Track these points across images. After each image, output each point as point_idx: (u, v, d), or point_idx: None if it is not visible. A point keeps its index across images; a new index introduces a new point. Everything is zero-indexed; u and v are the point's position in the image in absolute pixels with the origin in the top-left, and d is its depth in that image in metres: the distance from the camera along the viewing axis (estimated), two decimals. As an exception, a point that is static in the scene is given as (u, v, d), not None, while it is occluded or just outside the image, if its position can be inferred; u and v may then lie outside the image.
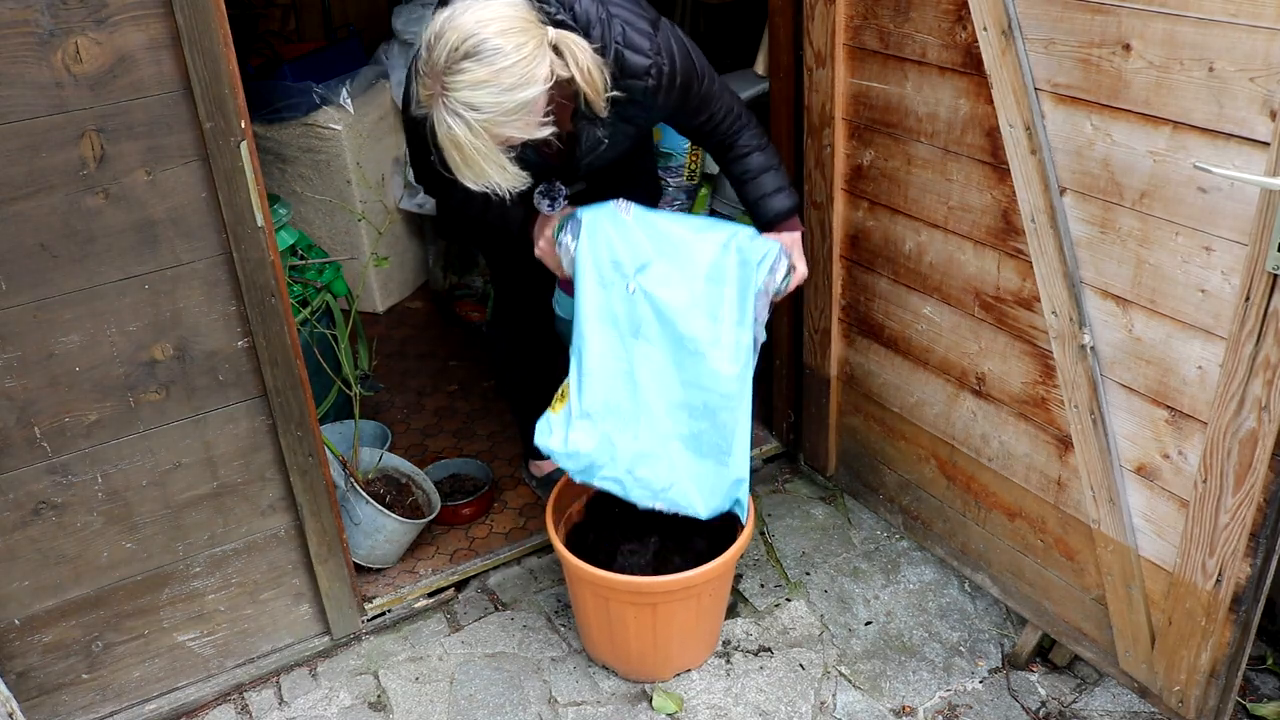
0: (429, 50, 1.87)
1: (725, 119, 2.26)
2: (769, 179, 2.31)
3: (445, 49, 1.84)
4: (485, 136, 1.88)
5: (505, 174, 1.95)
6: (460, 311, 3.92)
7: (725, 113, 2.25)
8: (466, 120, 1.86)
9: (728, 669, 2.47)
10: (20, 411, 1.98)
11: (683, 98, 2.15)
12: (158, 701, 2.36)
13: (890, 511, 2.86)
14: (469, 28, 1.84)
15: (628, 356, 2.23)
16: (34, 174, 1.83)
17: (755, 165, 2.31)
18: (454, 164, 1.93)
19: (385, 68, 3.89)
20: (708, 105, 2.21)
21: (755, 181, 2.31)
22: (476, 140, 1.88)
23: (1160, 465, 2.05)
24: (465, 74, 1.84)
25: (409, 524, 2.67)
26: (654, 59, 2.06)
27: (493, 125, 1.88)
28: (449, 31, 1.84)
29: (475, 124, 1.87)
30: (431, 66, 1.86)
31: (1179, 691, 2.16)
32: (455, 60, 1.84)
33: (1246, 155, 1.70)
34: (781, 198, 2.31)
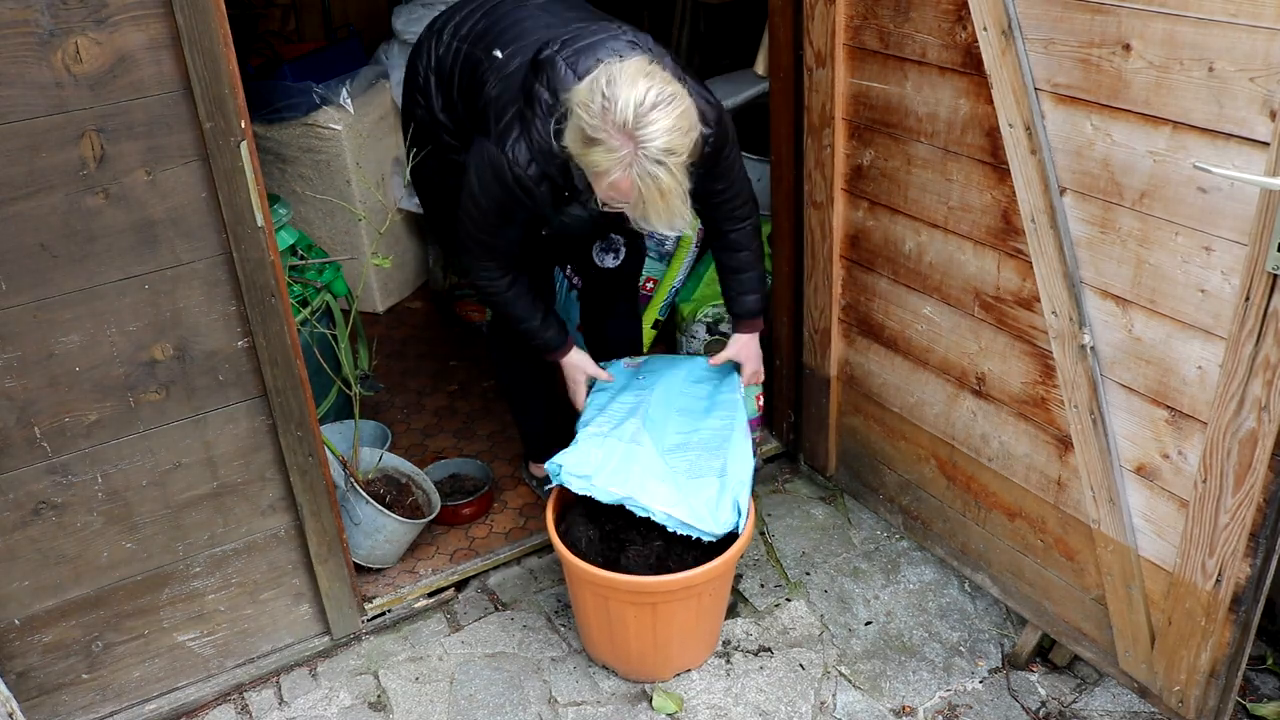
0: (604, 115, 1.94)
1: (737, 198, 2.42)
2: (750, 279, 2.52)
3: (630, 106, 1.92)
4: (681, 177, 1.99)
5: (689, 211, 2.06)
6: (460, 311, 3.92)
7: (738, 191, 2.41)
8: (668, 165, 1.95)
9: (728, 669, 2.47)
10: (20, 411, 1.98)
11: (715, 160, 2.25)
12: (158, 701, 2.36)
13: (890, 511, 2.86)
14: (641, 82, 1.95)
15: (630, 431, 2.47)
16: (34, 174, 1.83)
17: (742, 263, 2.50)
18: (656, 211, 2.01)
19: (385, 68, 3.89)
20: (729, 175, 2.35)
21: (737, 278, 2.52)
22: (676, 183, 1.98)
23: (1160, 465, 2.05)
24: (657, 124, 1.93)
25: (409, 524, 2.67)
26: (716, 116, 2.20)
27: (680, 168, 1.98)
28: (621, 90, 1.93)
29: (675, 167, 1.96)
30: (619, 127, 1.93)
31: (1179, 691, 2.16)
32: (644, 113, 1.92)
33: (1246, 155, 1.70)
34: (755, 300, 2.55)
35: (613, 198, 2.06)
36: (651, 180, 1.96)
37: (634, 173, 1.96)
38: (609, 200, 2.08)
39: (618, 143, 1.94)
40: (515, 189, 2.14)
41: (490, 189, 2.19)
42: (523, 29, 2.28)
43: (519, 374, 2.82)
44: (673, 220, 2.03)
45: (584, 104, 1.97)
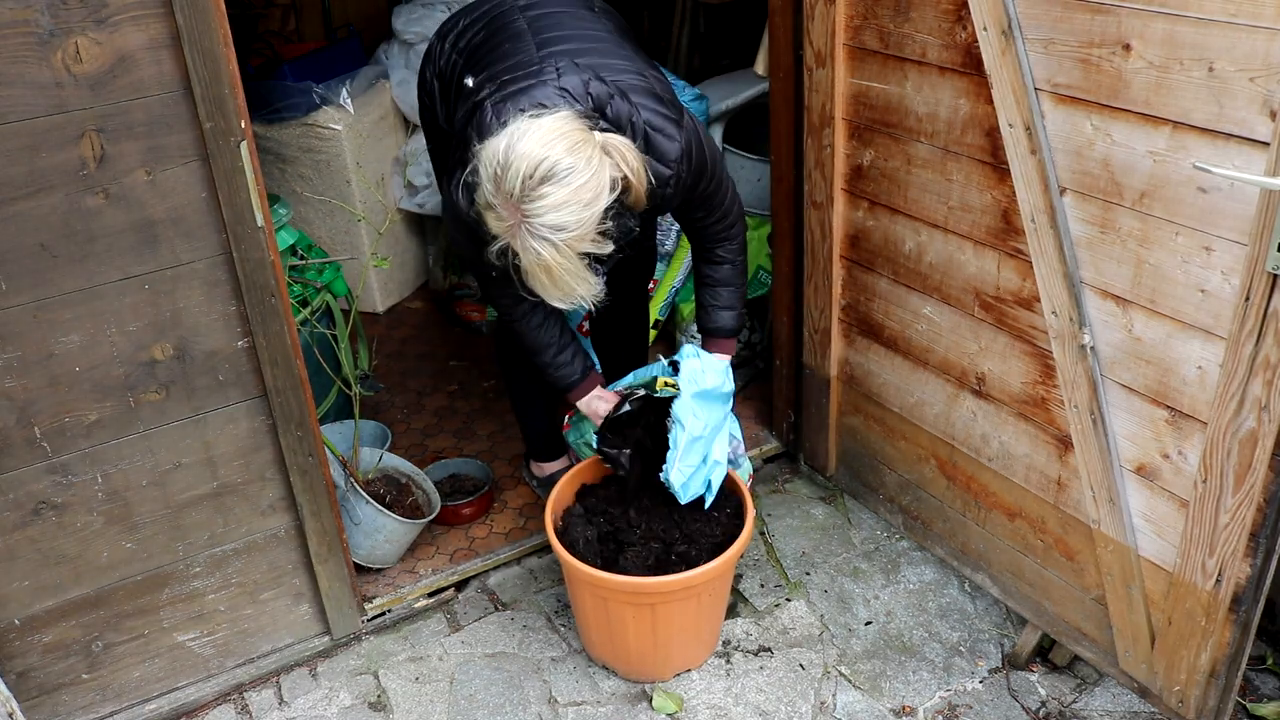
0: (496, 182, 1.87)
1: (720, 221, 2.35)
2: (728, 294, 2.43)
3: (519, 178, 1.84)
4: (571, 254, 1.90)
5: (590, 287, 1.97)
6: (460, 311, 3.92)
7: (723, 215, 2.34)
8: (554, 243, 1.87)
9: (728, 669, 2.47)
10: (20, 411, 1.98)
11: (693, 186, 2.20)
12: (158, 701, 2.36)
13: (890, 511, 2.86)
14: (537, 152, 1.84)
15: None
16: (34, 174, 1.83)
17: (724, 276, 2.42)
18: (541, 286, 1.95)
19: (385, 68, 3.89)
20: (709, 202, 2.29)
21: (715, 290, 2.43)
22: (564, 260, 1.90)
23: (1160, 465, 2.05)
24: (546, 199, 1.84)
25: (409, 524, 2.67)
26: (683, 146, 2.10)
27: (576, 242, 1.89)
28: (516, 159, 1.84)
29: (561, 244, 1.88)
30: (506, 197, 1.86)
31: (1179, 691, 2.16)
32: (532, 187, 1.84)
33: (1246, 155, 1.70)
34: (732, 317, 2.45)
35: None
36: (535, 255, 1.89)
37: (519, 245, 1.90)
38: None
39: (506, 213, 1.89)
40: (475, 227, 2.03)
41: (457, 224, 2.13)
42: (499, 53, 2.20)
43: (523, 373, 2.81)
44: (565, 297, 1.97)
45: (485, 164, 1.90)
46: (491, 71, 2.16)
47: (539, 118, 1.91)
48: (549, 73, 2.05)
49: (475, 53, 2.29)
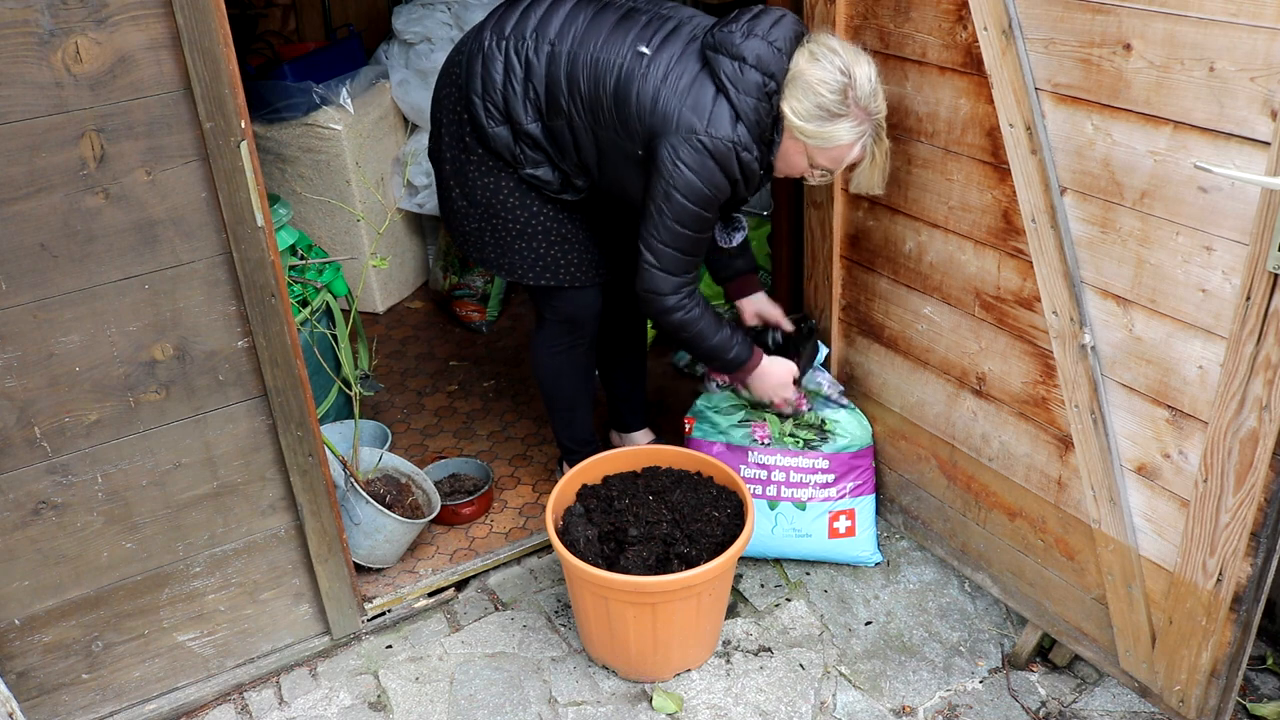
0: (844, 92, 2.12)
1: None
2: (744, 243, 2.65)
3: (866, 84, 2.13)
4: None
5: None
6: (460, 311, 3.92)
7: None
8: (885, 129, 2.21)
9: (728, 669, 2.47)
10: (20, 411, 1.98)
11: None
12: (158, 701, 2.36)
13: (890, 511, 2.85)
14: (863, 59, 2.15)
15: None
16: (34, 174, 1.83)
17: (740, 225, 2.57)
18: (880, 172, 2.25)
19: (385, 68, 3.89)
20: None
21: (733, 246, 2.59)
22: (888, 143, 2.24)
23: (1161, 465, 2.05)
24: (880, 95, 2.18)
25: (409, 524, 2.67)
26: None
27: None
28: (855, 68, 2.12)
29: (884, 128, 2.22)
30: (859, 105, 2.13)
31: (1179, 691, 2.16)
32: (875, 90, 2.16)
33: (1247, 155, 1.70)
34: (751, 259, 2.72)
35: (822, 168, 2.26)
36: (880, 145, 2.21)
37: (869, 142, 2.18)
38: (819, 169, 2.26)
39: (859, 118, 2.14)
40: (737, 174, 2.22)
41: (718, 185, 2.21)
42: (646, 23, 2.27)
43: (569, 387, 2.80)
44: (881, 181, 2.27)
45: (821, 81, 2.11)
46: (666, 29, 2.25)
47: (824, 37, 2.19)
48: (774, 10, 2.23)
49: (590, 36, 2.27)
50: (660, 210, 2.22)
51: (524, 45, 2.31)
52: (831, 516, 2.68)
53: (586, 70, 2.25)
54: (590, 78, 2.25)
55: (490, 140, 2.39)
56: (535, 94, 2.32)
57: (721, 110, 2.16)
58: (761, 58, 2.13)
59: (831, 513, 2.67)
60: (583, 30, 2.28)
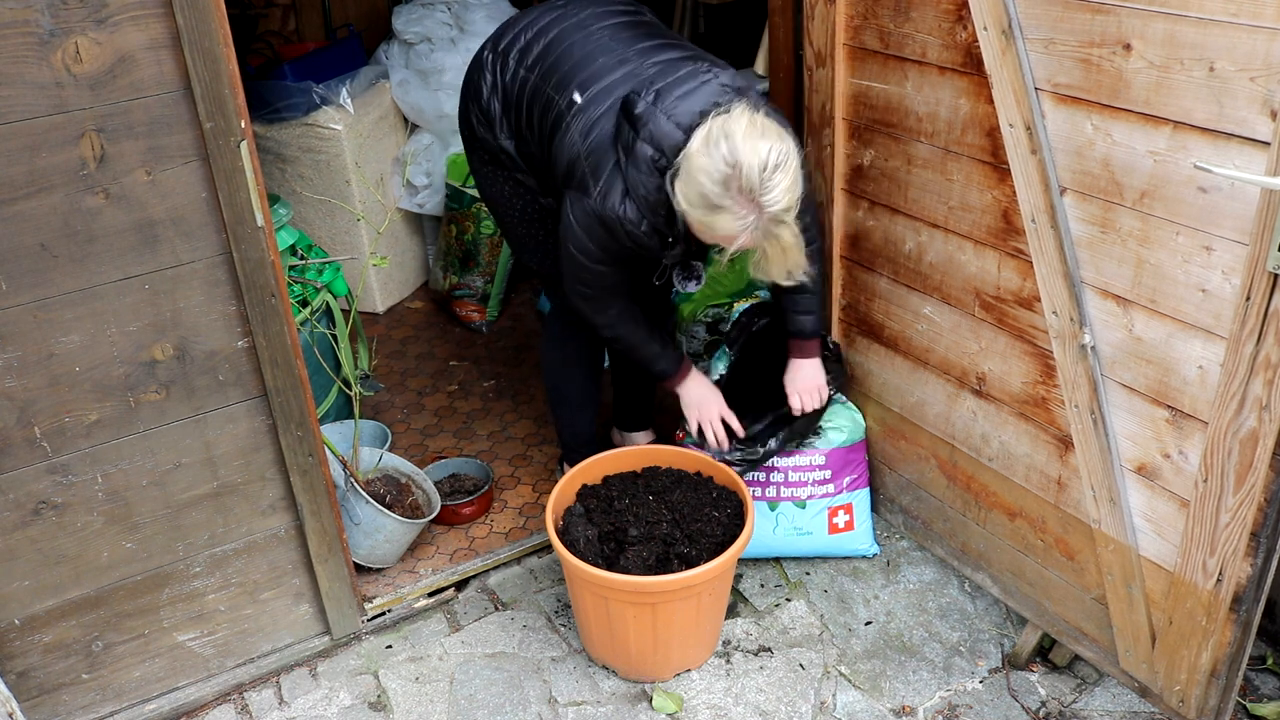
0: (727, 183, 1.96)
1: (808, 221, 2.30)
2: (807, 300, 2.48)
3: (754, 172, 1.95)
4: (798, 228, 2.05)
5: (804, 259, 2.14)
6: (460, 311, 3.92)
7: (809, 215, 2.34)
8: (789, 224, 2.02)
9: (728, 669, 2.47)
10: (20, 411, 1.98)
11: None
12: (158, 701, 2.36)
13: (890, 511, 2.85)
14: (760, 145, 1.96)
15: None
16: (34, 174, 1.83)
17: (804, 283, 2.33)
18: (777, 266, 2.09)
19: (385, 68, 3.89)
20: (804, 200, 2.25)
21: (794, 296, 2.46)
22: (795, 236, 2.05)
23: (1161, 465, 2.05)
24: (778, 185, 1.97)
25: (409, 524, 2.67)
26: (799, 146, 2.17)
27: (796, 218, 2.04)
28: (742, 154, 1.95)
29: (792, 222, 2.03)
30: (744, 194, 1.96)
31: (1179, 691, 2.16)
32: (768, 177, 1.96)
33: (1247, 155, 1.70)
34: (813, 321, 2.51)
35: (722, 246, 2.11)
36: (776, 240, 2.03)
37: (758, 235, 2.02)
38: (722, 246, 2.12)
39: (744, 210, 1.98)
40: (628, 244, 2.18)
41: (605, 245, 2.20)
42: (596, 67, 2.23)
43: (569, 380, 2.81)
44: (793, 272, 2.12)
45: (704, 170, 1.98)
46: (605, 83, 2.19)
47: (730, 115, 2.01)
48: (704, 74, 2.13)
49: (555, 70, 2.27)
50: (562, 256, 2.26)
51: (507, 67, 2.37)
52: (831, 512, 2.68)
53: (539, 104, 2.30)
54: (540, 111, 2.29)
55: (483, 144, 2.49)
56: (510, 115, 2.39)
57: (614, 181, 2.12)
58: (655, 134, 2.05)
59: (830, 508, 2.68)
60: (549, 62, 2.30)
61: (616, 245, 2.19)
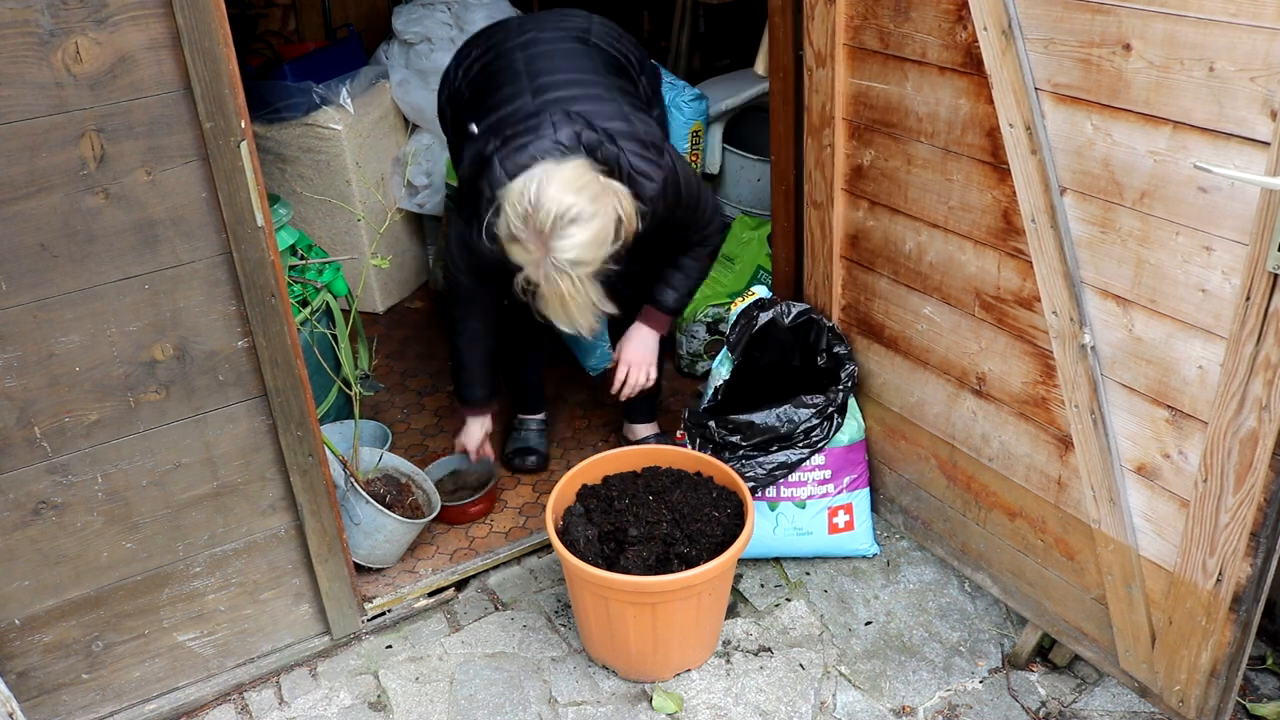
0: (526, 219, 2.13)
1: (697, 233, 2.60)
2: (681, 280, 2.67)
3: (549, 217, 2.11)
4: (584, 287, 2.19)
5: (593, 321, 2.29)
6: (460, 311, 3.91)
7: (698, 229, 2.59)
8: (572, 277, 2.16)
9: (728, 669, 2.47)
10: (20, 411, 1.98)
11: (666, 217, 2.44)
12: (158, 701, 2.36)
13: (890, 511, 2.86)
14: (566, 197, 2.12)
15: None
16: (34, 174, 1.83)
17: (685, 265, 2.66)
18: (554, 313, 2.25)
19: (385, 68, 3.89)
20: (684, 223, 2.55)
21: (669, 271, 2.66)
22: (578, 292, 2.19)
23: (1161, 465, 2.05)
24: (571, 238, 2.12)
25: (409, 524, 2.67)
26: (659, 186, 2.36)
27: (588, 277, 2.19)
28: (546, 202, 2.11)
29: (579, 277, 2.17)
30: (536, 233, 2.14)
31: (1179, 691, 2.16)
32: (562, 227, 2.12)
33: (1247, 155, 1.70)
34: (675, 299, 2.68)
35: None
36: (554, 286, 2.18)
37: (540, 275, 2.18)
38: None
39: (533, 246, 2.15)
40: (491, 263, 2.36)
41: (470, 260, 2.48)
42: (499, 97, 2.46)
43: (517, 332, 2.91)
44: (572, 324, 2.26)
45: (512, 203, 2.16)
46: (491, 120, 2.42)
47: (562, 163, 2.18)
48: (546, 128, 2.28)
49: (480, 90, 2.54)
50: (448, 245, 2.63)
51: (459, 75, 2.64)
52: (831, 512, 2.68)
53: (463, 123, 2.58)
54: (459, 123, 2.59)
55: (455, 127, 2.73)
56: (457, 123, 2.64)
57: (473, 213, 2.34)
58: (491, 180, 2.27)
59: (830, 508, 2.68)
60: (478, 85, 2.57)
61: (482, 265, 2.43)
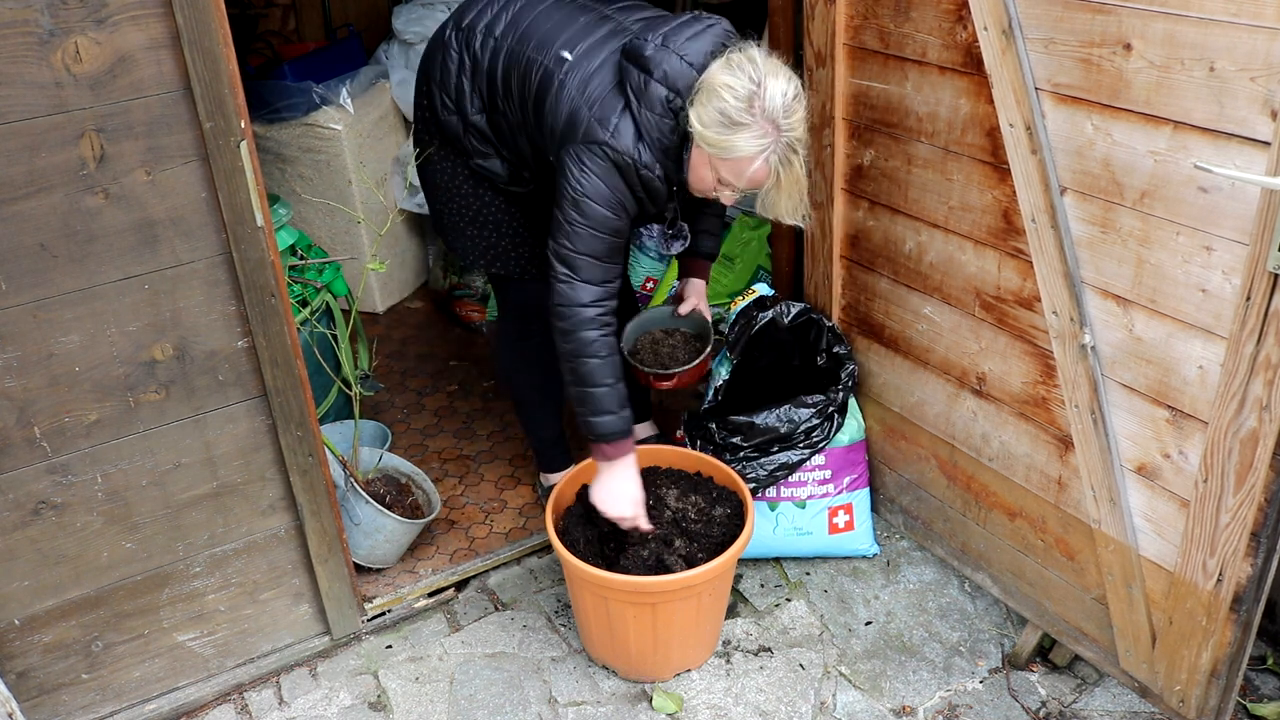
0: (751, 101, 2.00)
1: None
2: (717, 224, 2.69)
3: (779, 97, 2.00)
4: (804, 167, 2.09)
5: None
6: (460, 311, 3.92)
7: None
8: (801, 156, 2.07)
9: (728, 669, 2.47)
10: (20, 411, 1.98)
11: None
12: (158, 701, 2.36)
13: (890, 511, 2.85)
14: (783, 73, 2.04)
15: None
16: (34, 174, 1.83)
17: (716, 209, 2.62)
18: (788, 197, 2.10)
19: (385, 68, 3.89)
20: None
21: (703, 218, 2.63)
22: (803, 171, 2.09)
23: (1161, 465, 2.05)
24: (797, 113, 2.04)
25: (409, 524, 2.67)
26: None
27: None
28: (769, 79, 2.01)
29: (803, 156, 2.08)
30: (768, 115, 2.01)
31: (1179, 691, 2.16)
32: (790, 105, 2.02)
33: (1247, 155, 1.70)
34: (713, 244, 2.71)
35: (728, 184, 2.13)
36: (788, 169, 2.05)
37: (774, 161, 2.04)
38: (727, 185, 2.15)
39: (763, 130, 2.01)
40: (639, 189, 2.16)
41: (617, 192, 2.14)
42: (579, 26, 2.23)
43: (528, 382, 2.78)
44: (798, 208, 2.13)
45: (728, 87, 2.01)
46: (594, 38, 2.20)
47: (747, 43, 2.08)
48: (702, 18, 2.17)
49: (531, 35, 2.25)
50: (571, 219, 2.15)
51: (474, 39, 2.35)
52: (831, 512, 2.68)
53: (518, 69, 2.26)
54: (520, 77, 2.26)
55: (444, 128, 2.44)
56: (480, 88, 2.35)
57: (625, 124, 2.11)
58: (669, 73, 2.07)
59: (831, 508, 2.68)
60: (523, 27, 2.29)
61: (630, 196, 2.16)
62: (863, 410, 2.77)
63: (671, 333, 2.75)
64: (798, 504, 2.67)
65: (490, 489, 3.07)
